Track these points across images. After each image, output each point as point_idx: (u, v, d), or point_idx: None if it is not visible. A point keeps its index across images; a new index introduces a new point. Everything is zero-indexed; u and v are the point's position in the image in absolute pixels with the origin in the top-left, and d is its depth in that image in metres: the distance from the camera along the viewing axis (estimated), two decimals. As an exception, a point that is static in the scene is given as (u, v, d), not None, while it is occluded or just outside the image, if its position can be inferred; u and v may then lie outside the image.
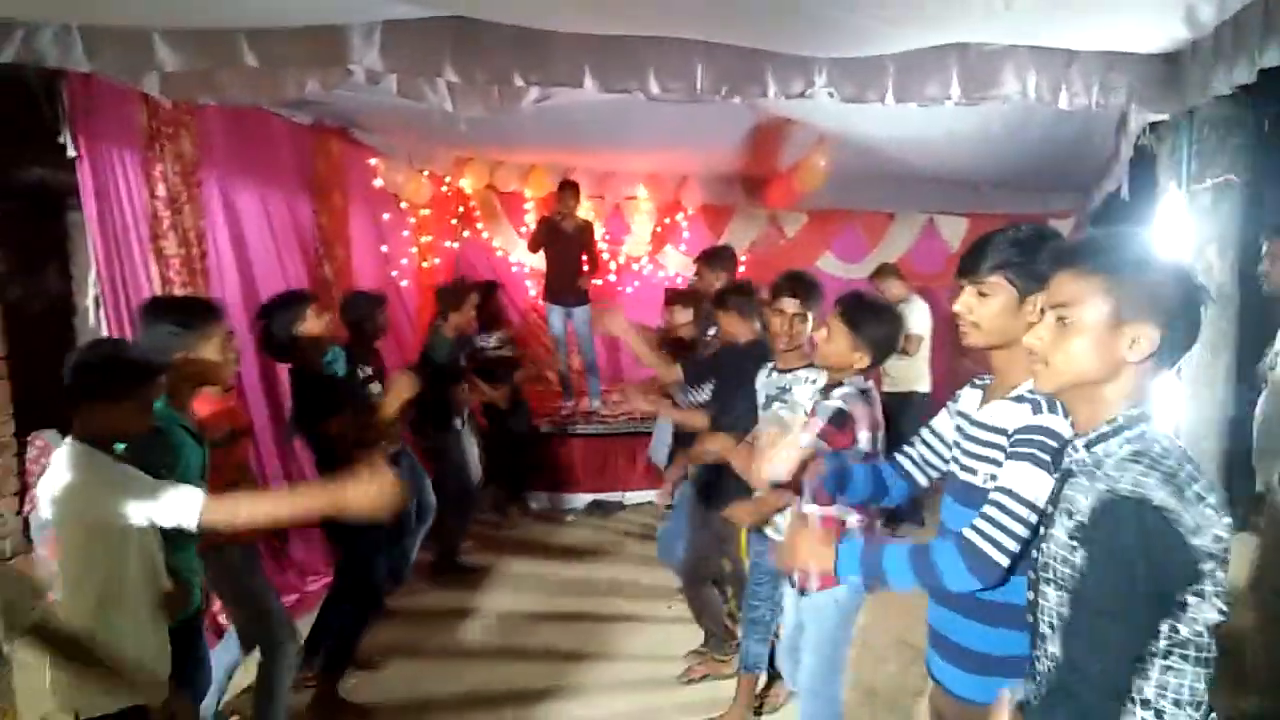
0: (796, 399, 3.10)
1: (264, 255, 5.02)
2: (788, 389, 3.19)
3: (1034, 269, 1.79)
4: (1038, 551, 1.57)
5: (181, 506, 2.16)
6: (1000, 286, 1.85)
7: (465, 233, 8.12)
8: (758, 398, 3.35)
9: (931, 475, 2.24)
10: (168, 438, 2.58)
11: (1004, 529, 1.73)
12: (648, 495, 6.76)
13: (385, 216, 6.76)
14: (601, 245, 7.68)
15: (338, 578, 3.87)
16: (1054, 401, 1.76)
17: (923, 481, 2.25)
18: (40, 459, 4.25)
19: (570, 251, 6.91)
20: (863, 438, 2.75)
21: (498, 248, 8.19)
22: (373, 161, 6.33)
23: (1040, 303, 1.56)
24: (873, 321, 2.76)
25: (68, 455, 2.20)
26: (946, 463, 2.13)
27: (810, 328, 3.18)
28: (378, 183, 6.42)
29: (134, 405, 2.26)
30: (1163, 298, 1.41)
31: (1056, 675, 1.44)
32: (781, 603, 3.27)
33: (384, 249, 6.73)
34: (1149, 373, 1.46)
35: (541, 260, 7.15)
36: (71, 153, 3.69)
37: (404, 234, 7.13)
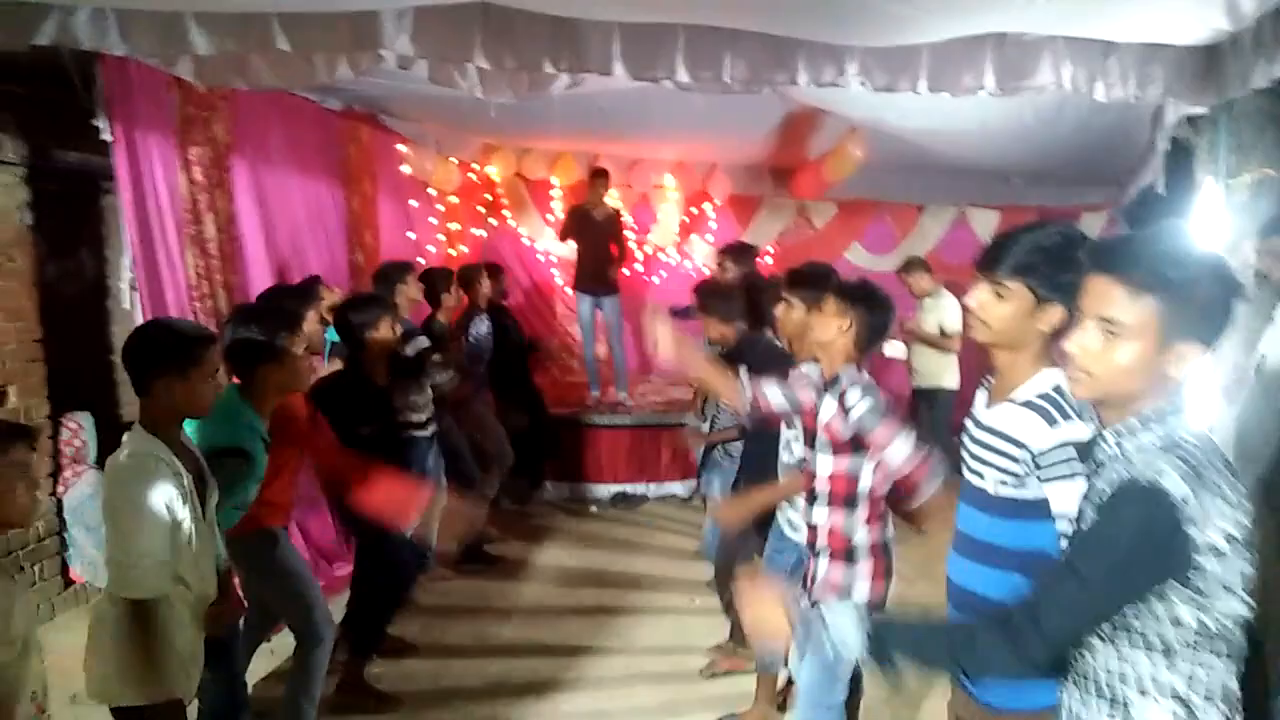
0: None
1: (294, 240, 5.06)
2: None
3: (1056, 278, 1.77)
4: None
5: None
6: (1018, 291, 1.81)
7: (492, 220, 8.15)
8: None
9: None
10: (249, 451, 2.68)
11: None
12: (673, 488, 6.76)
13: (413, 203, 6.80)
14: (628, 234, 7.65)
15: (358, 564, 3.91)
16: (1064, 407, 1.75)
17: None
18: (73, 440, 4.32)
19: (601, 241, 6.83)
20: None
21: (524, 235, 8.21)
22: (401, 148, 6.36)
23: (1086, 310, 1.46)
24: (863, 303, 2.66)
25: (130, 438, 2.24)
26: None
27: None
28: (406, 169, 6.45)
29: (198, 377, 2.27)
30: (1214, 317, 1.40)
31: (1010, 608, 1.47)
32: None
33: (411, 235, 6.76)
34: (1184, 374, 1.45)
35: (566, 248, 7.14)
36: (107, 136, 3.73)
37: (431, 220, 7.16)
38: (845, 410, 2.59)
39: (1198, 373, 1.48)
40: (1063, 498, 1.73)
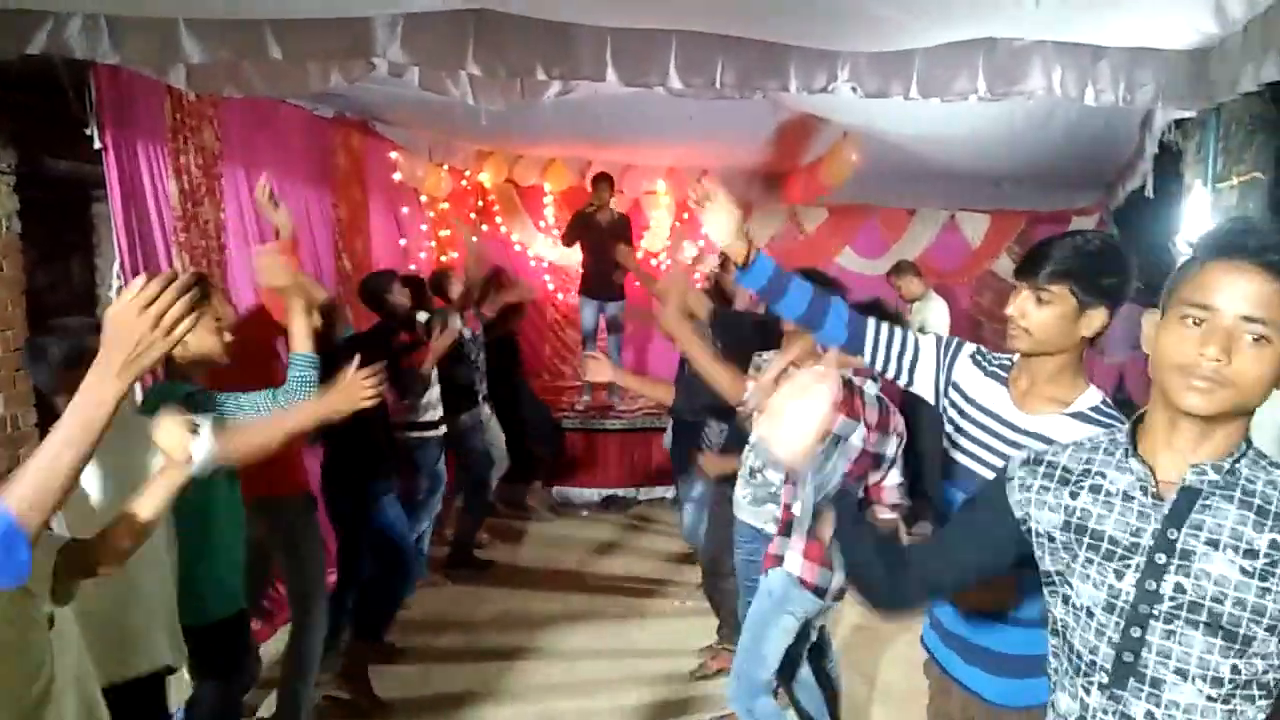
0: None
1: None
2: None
3: (1098, 283, 1.78)
4: (1141, 587, 1.28)
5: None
6: (1060, 295, 1.81)
7: (484, 226, 8.13)
8: None
9: (878, 368, 2.20)
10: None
11: None
12: (662, 491, 6.76)
13: (404, 210, 6.78)
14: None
15: (339, 554, 3.89)
16: (1115, 423, 1.72)
17: (863, 359, 2.19)
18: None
19: (605, 245, 6.66)
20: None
21: (516, 242, 8.20)
22: (393, 155, 6.35)
23: (1226, 318, 1.21)
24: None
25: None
26: (896, 378, 2.17)
27: None
28: (397, 176, 6.44)
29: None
30: None
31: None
32: None
33: (402, 242, 6.74)
34: None
35: (558, 254, 7.11)
36: (98, 145, 3.71)
37: (422, 227, 7.15)
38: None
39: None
40: None
